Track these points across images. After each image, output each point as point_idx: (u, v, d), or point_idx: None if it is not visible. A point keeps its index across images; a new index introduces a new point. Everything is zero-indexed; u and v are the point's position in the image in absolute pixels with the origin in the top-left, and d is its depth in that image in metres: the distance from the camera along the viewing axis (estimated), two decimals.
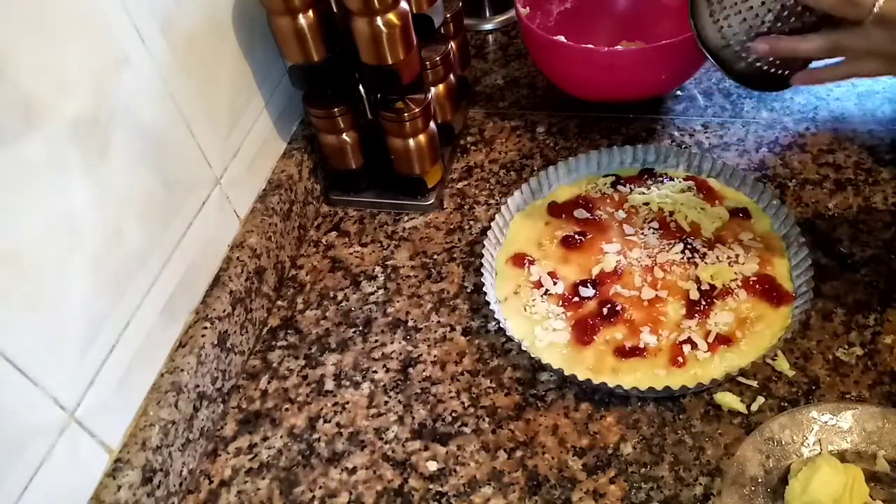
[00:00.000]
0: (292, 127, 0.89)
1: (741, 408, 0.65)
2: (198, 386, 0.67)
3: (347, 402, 0.71)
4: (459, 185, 0.90)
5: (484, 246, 0.76)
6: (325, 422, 0.70)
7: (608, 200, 0.81)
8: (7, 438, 0.50)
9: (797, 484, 0.57)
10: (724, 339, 0.67)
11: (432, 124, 0.83)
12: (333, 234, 0.88)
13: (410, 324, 0.77)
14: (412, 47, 0.76)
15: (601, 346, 0.69)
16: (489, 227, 0.78)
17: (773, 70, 0.71)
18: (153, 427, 0.62)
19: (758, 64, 0.70)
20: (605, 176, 0.84)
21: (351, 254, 0.85)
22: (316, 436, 0.69)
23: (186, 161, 0.69)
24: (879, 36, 0.58)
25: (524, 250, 0.78)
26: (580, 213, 0.80)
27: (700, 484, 0.61)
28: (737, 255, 0.73)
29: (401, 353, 0.74)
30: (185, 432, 0.66)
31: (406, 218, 0.88)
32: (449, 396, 0.70)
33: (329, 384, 0.73)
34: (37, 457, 0.53)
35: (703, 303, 0.70)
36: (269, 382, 0.74)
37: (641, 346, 0.68)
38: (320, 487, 0.66)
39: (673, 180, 0.82)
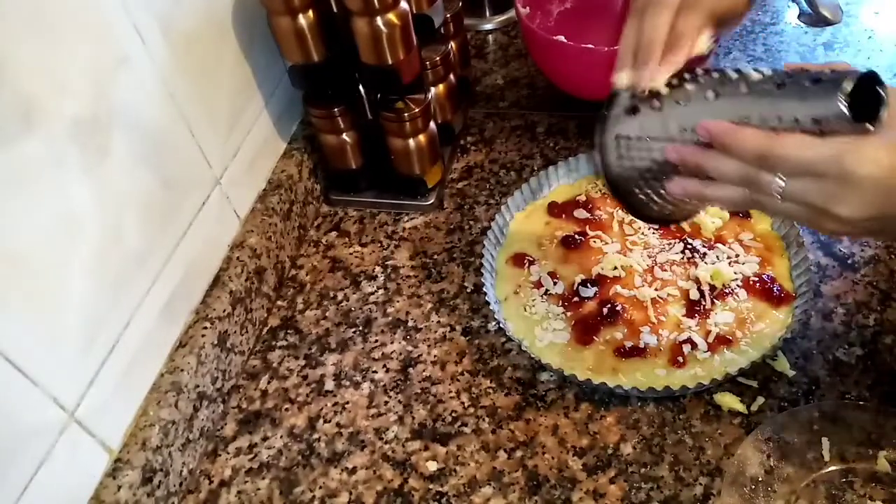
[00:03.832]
0: (292, 127, 0.89)
1: (741, 408, 0.65)
2: (198, 386, 0.67)
3: (347, 402, 0.71)
4: (459, 185, 0.90)
5: (484, 246, 0.76)
6: (325, 422, 0.70)
7: (608, 200, 0.81)
8: (7, 438, 0.51)
9: None
10: (725, 339, 0.67)
11: (432, 124, 0.83)
12: (333, 234, 0.88)
13: (410, 324, 0.77)
14: (412, 47, 0.76)
15: (601, 346, 0.69)
16: (489, 227, 0.78)
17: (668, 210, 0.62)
18: (153, 427, 0.62)
19: (656, 203, 0.61)
20: None
21: (351, 254, 0.85)
22: (316, 436, 0.69)
23: (186, 161, 0.69)
24: (789, 207, 0.49)
25: (524, 250, 0.78)
26: (580, 213, 0.80)
27: (700, 484, 0.61)
28: (737, 255, 0.73)
29: (401, 353, 0.74)
30: (185, 432, 0.66)
31: (406, 218, 0.88)
32: (449, 396, 0.70)
33: (329, 384, 0.73)
34: (37, 457, 0.53)
35: (703, 303, 0.70)
36: (269, 382, 0.74)
37: (641, 346, 0.68)
38: (320, 487, 0.66)
39: None
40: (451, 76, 0.89)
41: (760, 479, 0.59)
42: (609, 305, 0.71)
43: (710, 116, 0.50)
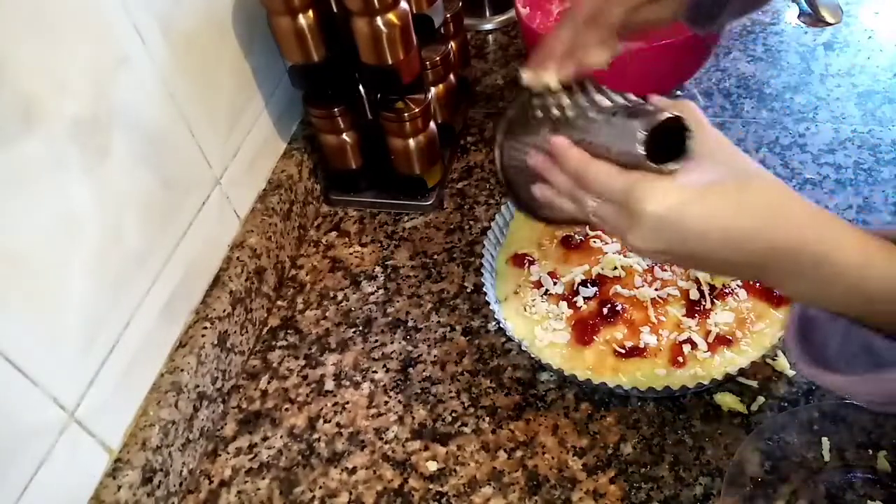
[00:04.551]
0: (292, 127, 0.89)
1: (741, 408, 0.65)
2: (198, 386, 0.67)
3: (347, 402, 0.71)
4: (459, 185, 0.90)
5: (484, 246, 0.76)
6: (325, 422, 0.70)
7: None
8: (7, 438, 0.51)
9: None
10: (725, 339, 0.67)
11: (432, 124, 0.83)
12: (333, 234, 0.88)
13: (410, 324, 0.77)
14: (412, 47, 0.76)
15: (601, 346, 0.69)
16: (489, 227, 0.78)
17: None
18: (153, 427, 0.62)
19: (536, 202, 0.62)
20: None
21: (351, 254, 0.85)
22: (316, 436, 0.69)
23: (186, 161, 0.69)
24: (603, 226, 0.52)
25: (524, 250, 0.78)
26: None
27: (700, 484, 0.61)
28: None
29: (401, 353, 0.74)
30: (185, 432, 0.66)
31: (406, 218, 0.88)
32: (449, 396, 0.70)
33: (329, 384, 0.73)
34: (37, 457, 0.53)
35: (703, 303, 0.70)
36: (269, 382, 0.74)
37: (641, 346, 0.68)
38: (320, 487, 0.66)
39: None
40: (451, 76, 0.89)
41: (760, 479, 0.59)
42: (609, 305, 0.71)
43: (564, 133, 0.53)
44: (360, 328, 0.77)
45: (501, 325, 0.70)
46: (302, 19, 0.73)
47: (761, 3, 0.65)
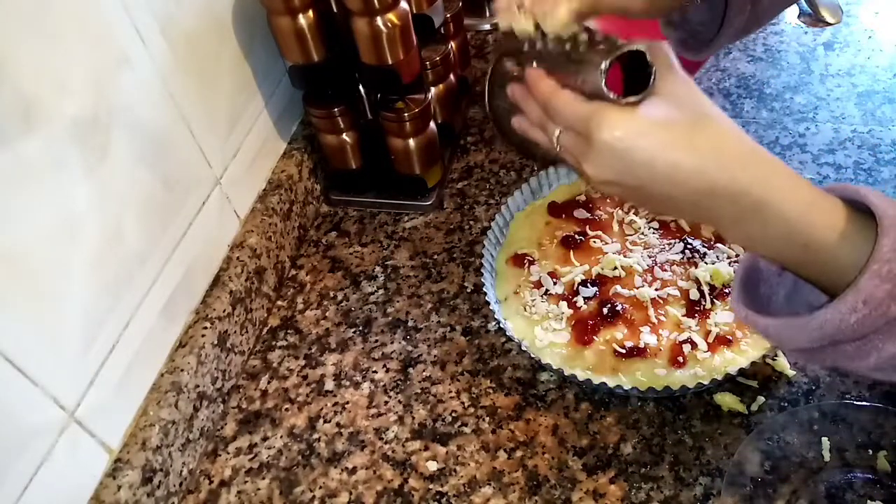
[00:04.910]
0: (292, 127, 0.89)
1: (741, 408, 0.65)
2: (198, 386, 0.67)
3: (347, 402, 0.71)
4: (459, 185, 0.90)
5: (484, 246, 0.76)
6: (325, 422, 0.70)
7: (608, 200, 0.81)
8: (7, 438, 0.51)
9: None
10: (725, 339, 0.67)
11: (432, 124, 0.83)
12: (333, 234, 0.88)
13: (410, 324, 0.77)
14: (412, 47, 0.76)
15: (601, 346, 0.69)
16: (489, 227, 0.78)
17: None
18: (153, 427, 0.62)
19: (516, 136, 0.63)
20: None
21: (351, 254, 0.85)
22: (316, 436, 0.69)
23: (186, 161, 0.69)
24: (565, 156, 0.54)
25: (524, 250, 0.78)
26: (580, 213, 0.80)
27: (700, 484, 0.61)
28: (737, 255, 0.73)
29: (401, 353, 0.74)
30: (185, 432, 0.66)
31: (406, 218, 0.88)
32: (449, 396, 0.70)
33: (329, 384, 0.73)
34: (37, 457, 0.53)
35: (703, 303, 0.70)
36: (269, 382, 0.74)
37: (641, 345, 0.68)
38: (320, 487, 0.66)
39: None
40: (451, 76, 0.89)
41: (760, 479, 0.59)
42: (609, 305, 0.71)
43: (541, 66, 0.53)
44: (360, 328, 0.77)
45: (501, 325, 0.70)
46: (302, 19, 0.73)
47: (756, 27, 0.66)
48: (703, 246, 0.75)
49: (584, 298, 0.72)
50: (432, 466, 0.65)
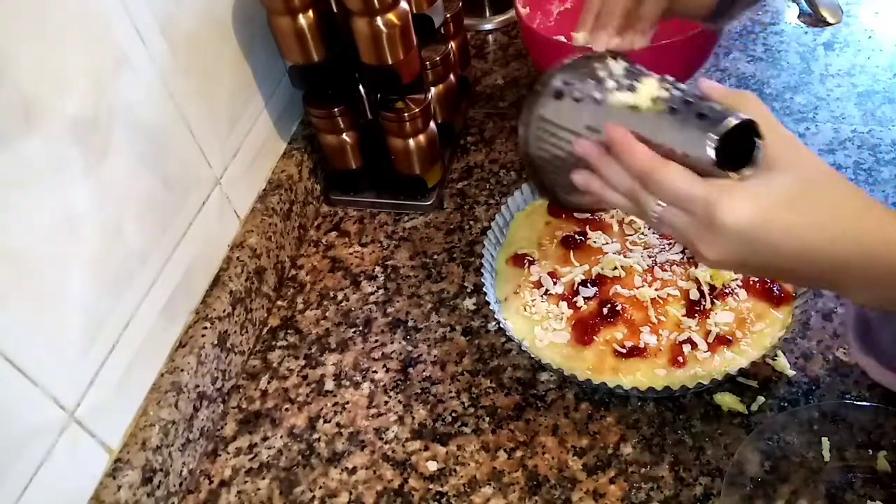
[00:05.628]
0: (292, 127, 0.89)
1: (741, 408, 0.65)
2: (198, 386, 0.67)
3: (347, 402, 0.71)
4: (459, 185, 0.90)
5: (484, 246, 0.76)
6: (325, 422, 0.70)
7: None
8: (7, 438, 0.51)
9: None
10: (725, 339, 0.67)
11: (432, 124, 0.83)
12: (333, 234, 0.88)
13: (410, 324, 0.77)
14: (412, 47, 0.76)
15: (601, 346, 0.69)
16: (489, 227, 0.78)
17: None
18: (153, 427, 0.62)
19: (563, 189, 0.60)
20: None
21: (351, 254, 0.85)
22: (316, 436, 0.69)
23: (186, 161, 0.69)
24: (666, 231, 0.50)
25: (524, 250, 0.78)
26: (580, 213, 0.80)
27: (700, 484, 0.61)
28: None
29: (401, 353, 0.74)
30: (185, 432, 0.66)
31: (406, 218, 0.88)
32: (449, 396, 0.70)
33: (329, 384, 0.73)
34: (37, 457, 0.53)
35: (703, 303, 0.70)
36: (269, 382, 0.74)
37: (641, 346, 0.68)
38: (320, 487, 0.66)
39: None
40: (451, 76, 0.89)
41: (760, 479, 0.59)
42: (609, 305, 0.71)
43: (614, 121, 0.50)
44: (360, 328, 0.77)
45: (501, 325, 0.70)
46: (302, 19, 0.73)
47: None
48: None
49: (584, 298, 0.72)
50: (432, 466, 0.65)
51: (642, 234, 0.77)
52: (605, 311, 0.71)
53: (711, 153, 0.44)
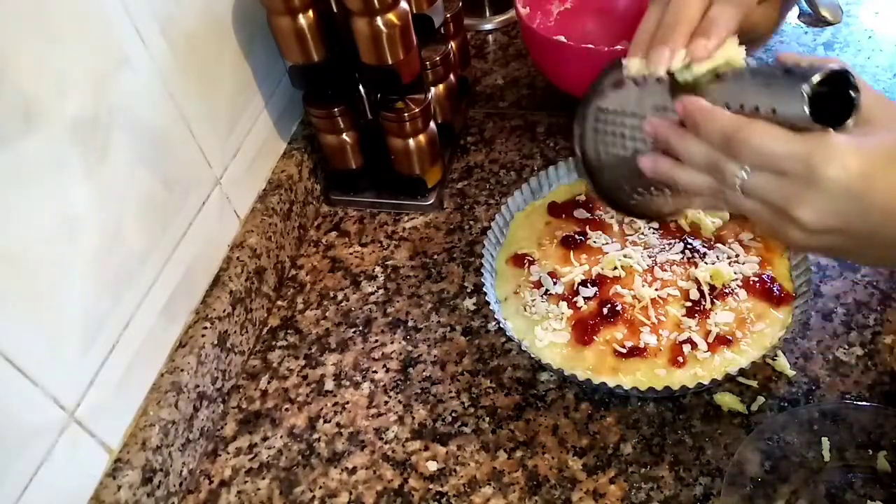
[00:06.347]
0: (292, 127, 0.89)
1: (741, 408, 0.65)
2: (198, 386, 0.67)
3: (347, 402, 0.71)
4: (459, 185, 0.90)
5: (484, 246, 0.76)
6: (325, 422, 0.70)
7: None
8: (7, 438, 0.51)
9: None
10: (725, 339, 0.67)
11: (432, 124, 0.83)
12: (333, 234, 0.88)
13: (410, 324, 0.77)
14: (412, 47, 0.76)
15: (601, 346, 0.69)
16: (489, 227, 0.78)
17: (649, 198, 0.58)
18: (153, 427, 0.62)
19: (624, 189, 0.58)
20: None
21: (351, 254, 0.85)
22: (316, 436, 0.69)
23: (186, 161, 0.69)
24: (750, 204, 0.46)
25: (524, 250, 0.78)
26: (580, 213, 0.80)
27: (700, 484, 0.61)
28: (737, 255, 0.73)
29: (401, 353, 0.74)
30: (185, 432, 0.66)
31: (406, 218, 0.88)
32: (449, 396, 0.70)
33: (329, 384, 0.73)
34: (37, 457, 0.53)
35: (703, 303, 0.70)
36: (269, 382, 0.74)
37: (641, 346, 0.68)
38: (320, 487, 0.66)
39: None
40: (451, 76, 0.89)
41: (760, 479, 0.59)
42: (609, 305, 0.71)
43: (684, 94, 0.47)
44: (360, 328, 0.77)
45: (501, 325, 0.70)
46: (302, 19, 0.73)
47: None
48: (703, 246, 0.75)
49: (584, 298, 0.72)
50: (432, 466, 0.65)
51: (642, 234, 0.77)
52: (605, 311, 0.71)
53: (806, 105, 0.40)
